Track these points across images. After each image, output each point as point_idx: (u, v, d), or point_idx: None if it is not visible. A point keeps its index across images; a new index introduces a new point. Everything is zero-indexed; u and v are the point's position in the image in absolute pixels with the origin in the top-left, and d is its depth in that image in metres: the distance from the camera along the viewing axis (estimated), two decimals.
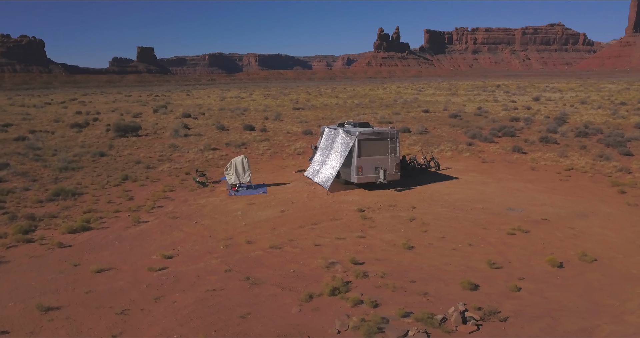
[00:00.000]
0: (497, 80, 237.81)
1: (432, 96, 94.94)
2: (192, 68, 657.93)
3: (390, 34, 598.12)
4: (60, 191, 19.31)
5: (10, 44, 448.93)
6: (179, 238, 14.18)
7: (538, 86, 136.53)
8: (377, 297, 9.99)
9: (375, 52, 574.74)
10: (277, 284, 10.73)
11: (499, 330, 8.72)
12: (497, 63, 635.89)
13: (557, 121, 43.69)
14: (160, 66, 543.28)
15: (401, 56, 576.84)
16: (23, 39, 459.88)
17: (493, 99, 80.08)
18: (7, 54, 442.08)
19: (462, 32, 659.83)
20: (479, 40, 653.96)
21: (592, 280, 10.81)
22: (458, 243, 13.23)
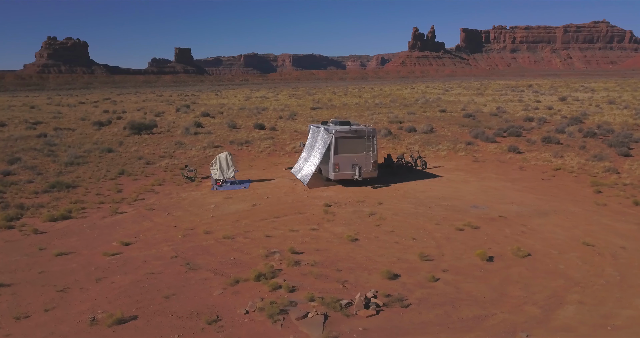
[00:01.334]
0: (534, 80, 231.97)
1: (457, 96, 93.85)
2: (228, 68, 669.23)
3: (425, 33, 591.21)
4: (56, 184, 20.75)
5: (56, 46, 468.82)
6: (145, 227, 15.17)
7: (573, 86, 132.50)
8: (297, 283, 10.63)
9: (409, 51, 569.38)
10: (212, 270, 11.51)
11: (397, 315, 9.21)
12: (536, 62, 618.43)
13: (572, 121, 42.79)
14: (196, 67, 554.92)
15: (436, 56, 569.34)
16: (68, 41, 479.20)
17: (518, 99, 78.56)
18: (53, 55, 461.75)
19: (500, 31, 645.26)
20: (518, 38, 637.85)
21: (513, 273, 11.10)
22: (402, 237, 13.67)
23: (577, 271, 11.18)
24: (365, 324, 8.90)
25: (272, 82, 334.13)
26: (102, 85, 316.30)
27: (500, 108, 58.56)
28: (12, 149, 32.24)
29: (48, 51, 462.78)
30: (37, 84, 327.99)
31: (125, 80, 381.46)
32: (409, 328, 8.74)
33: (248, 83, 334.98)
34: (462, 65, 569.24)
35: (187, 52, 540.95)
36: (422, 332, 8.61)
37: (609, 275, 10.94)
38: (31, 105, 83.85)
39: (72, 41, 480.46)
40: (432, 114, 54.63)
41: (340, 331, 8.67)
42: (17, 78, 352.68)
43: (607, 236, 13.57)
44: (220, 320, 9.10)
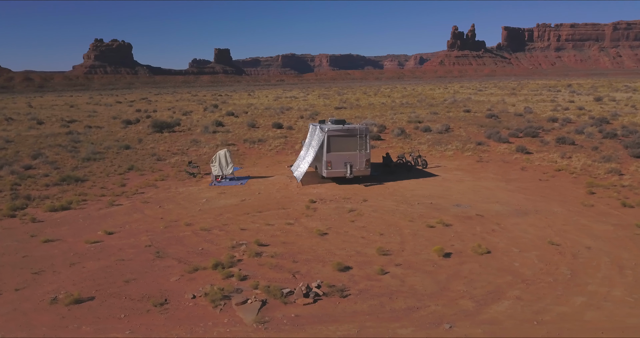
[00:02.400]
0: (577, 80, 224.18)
1: (488, 96, 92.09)
2: (266, 69, 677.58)
3: (465, 32, 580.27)
4: (66, 177, 22.10)
5: (102, 48, 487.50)
6: (134, 219, 16.08)
7: (616, 85, 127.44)
8: (251, 273, 11.17)
9: (448, 51, 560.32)
10: (178, 258, 12.21)
11: (332, 304, 9.60)
12: (583, 61, 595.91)
13: (597, 122, 41.53)
14: (235, 67, 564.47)
15: (476, 55, 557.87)
16: (114, 43, 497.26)
17: (551, 99, 76.43)
18: (100, 57, 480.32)
19: (544, 29, 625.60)
20: (563, 36, 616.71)
21: (464, 269, 11.26)
22: (371, 233, 13.99)
23: (529, 269, 11.23)
24: (299, 311, 9.34)
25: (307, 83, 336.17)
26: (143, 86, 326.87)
27: (528, 108, 57.27)
28: (40, 145, 34.26)
29: (95, 53, 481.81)
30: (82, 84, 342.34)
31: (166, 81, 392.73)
32: (338, 317, 9.13)
33: (283, 83, 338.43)
34: (503, 64, 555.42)
35: (226, 53, 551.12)
36: (350, 320, 8.98)
37: (560, 273, 10.95)
38: (71, 105, 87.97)
39: (117, 43, 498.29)
40: (455, 114, 54.03)
41: (273, 316, 9.15)
42: (65, 79, 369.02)
43: (577, 236, 13.45)
44: (167, 304, 9.75)
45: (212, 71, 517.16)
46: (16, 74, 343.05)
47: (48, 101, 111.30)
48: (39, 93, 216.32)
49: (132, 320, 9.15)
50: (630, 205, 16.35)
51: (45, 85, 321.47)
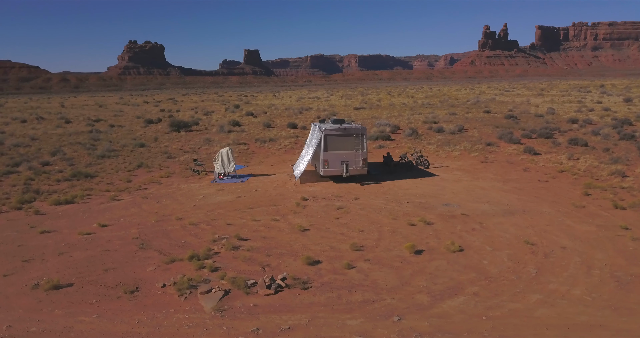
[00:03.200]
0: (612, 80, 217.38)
1: (515, 96, 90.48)
2: (295, 70, 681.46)
3: (497, 32, 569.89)
4: (77, 173, 23.14)
5: (136, 49, 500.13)
6: (130, 213, 16.81)
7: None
8: (224, 265, 11.65)
9: (479, 51, 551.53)
10: (160, 250, 12.79)
11: (292, 295, 9.97)
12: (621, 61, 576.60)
13: (618, 123, 40.51)
14: (264, 68, 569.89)
15: (508, 55, 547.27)
16: (147, 45, 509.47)
17: (578, 100, 74.59)
18: (134, 58, 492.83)
19: (580, 28, 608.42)
20: (601, 35, 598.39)
21: (431, 266, 11.44)
22: (351, 229, 14.28)
23: (496, 267, 11.32)
24: (259, 301, 9.74)
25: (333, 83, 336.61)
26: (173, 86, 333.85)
27: (551, 109, 56.16)
28: (61, 143, 35.75)
29: (129, 54, 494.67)
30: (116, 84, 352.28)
31: (195, 81, 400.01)
32: (294, 307, 9.49)
33: (310, 84, 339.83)
34: (536, 64, 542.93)
35: (255, 54, 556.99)
36: (304, 311, 9.32)
37: (526, 272, 11.01)
38: (100, 105, 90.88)
39: (150, 44, 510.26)
40: (474, 115, 53.45)
41: (232, 305, 9.58)
42: (99, 79, 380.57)
43: (557, 236, 13.41)
44: (137, 291, 10.31)
45: (241, 72, 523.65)
46: (54, 75, 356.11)
47: (80, 101, 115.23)
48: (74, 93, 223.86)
49: (102, 305, 9.73)
50: (622, 207, 16.10)
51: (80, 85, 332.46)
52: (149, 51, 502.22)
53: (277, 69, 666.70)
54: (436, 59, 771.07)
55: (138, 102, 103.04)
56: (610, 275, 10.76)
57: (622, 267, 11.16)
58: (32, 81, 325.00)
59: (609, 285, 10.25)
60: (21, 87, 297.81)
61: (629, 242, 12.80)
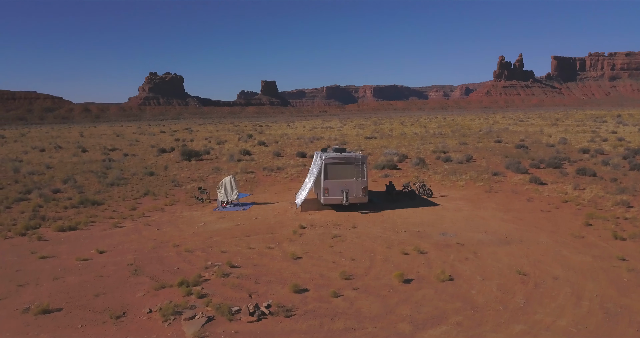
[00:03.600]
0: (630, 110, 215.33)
1: (528, 126, 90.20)
2: (311, 100, 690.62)
3: (513, 62, 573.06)
4: (84, 200, 23.66)
5: (156, 80, 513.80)
6: (130, 239, 17.09)
7: None
8: (212, 291, 11.75)
9: (495, 81, 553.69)
10: (152, 276, 12.97)
11: (275, 323, 10.00)
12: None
13: (631, 153, 40.11)
14: (281, 98, 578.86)
15: (524, 85, 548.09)
16: (167, 76, 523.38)
17: (592, 130, 74.07)
18: (154, 89, 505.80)
19: (597, 58, 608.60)
20: (618, 65, 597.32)
21: (418, 295, 11.38)
22: (344, 258, 14.30)
23: (484, 296, 11.21)
24: (240, 328, 9.79)
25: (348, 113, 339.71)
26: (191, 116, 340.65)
27: (563, 139, 55.87)
28: (74, 171, 36.63)
29: (149, 85, 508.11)
30: (135, 114, 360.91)
31: (213, 112, 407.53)
32: (274, 334, 9.51)
33: (325, 114, 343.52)
34: (553, 94, 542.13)
35: (272, 85, 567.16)
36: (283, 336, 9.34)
37: (514, 302, 10.87)
38: (117, 134, 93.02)
39: (170, 76, 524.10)
40: (484, 145, 53.41)
41: (213, 332, 9.65)
42: (119, 109, 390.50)
43: (550, 266, 13.24)
44: (123, 317, 10.45)
45: (258, 102, 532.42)
46: (76, 105, 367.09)
47: (99, 131, 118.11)
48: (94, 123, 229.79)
49: (87, 330, 9.88)
50: (622, 238, 15.86)
51: (101, 115, 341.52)
52: (169, 82, 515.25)
53: (293, 99, 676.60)
54: (451, 89, 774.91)
55: (155, 131, 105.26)
56: (600, 306, 10.57)
57: (612, 298, 10.96)
58: (55, 111, 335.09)
59: (596, 316, 10.07)
60: (45, 117, 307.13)
61: (623, 273, 12.58)
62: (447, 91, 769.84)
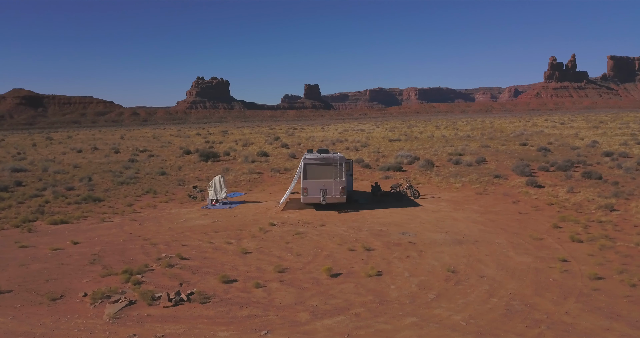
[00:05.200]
0: None
1: (567, 129, 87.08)
2: (354, 103, 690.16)
3: (565, 63, 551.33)
4: (87, 197, 25.37)
5: (203, 85, 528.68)
6: (109, 233, 18.36)
7: None
8: (149, 280, 12.68)
9: (545, 82, 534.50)
10: (106, 266, 14.05)
11: (188, 308, 10.77)
12: None
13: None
14: (324, 102, 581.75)
15: (577, 86, 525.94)
16: (213, 80, 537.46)
17: (632, 133, 70.77)
18: (201, 93, 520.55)
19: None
20: None
21: (337, 288, 11.85)
22: (291, 253, 14.92)
23: (399, 292, 11.54)
24: (154, 312, 10.63)
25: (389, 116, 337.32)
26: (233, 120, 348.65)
27: (593, 142, 53.94)
28: (96, 170, 38.92)
29: (197, 89, 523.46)
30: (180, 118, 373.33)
31: (255, 115, 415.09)
32: (181, 318, 10.28)
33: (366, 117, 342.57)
34: (609, 96, 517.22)
35: (315, 89, 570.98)
36: (187, 322, 10.08)
37: (424, 297, 11.16)
38: (155, 136, 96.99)
39: (216, 80, 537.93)
40: (507, 147, 52.33)
41: (128, 314, 10.53)
42: (166, 113, 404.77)
43: (486, 266, 13.34)
44: (60, 299, 11.53)
45: (301, 106, 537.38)
46: (126, 109, 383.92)
47: (141, 133, 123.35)
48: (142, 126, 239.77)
49: (23, 309, 11.00)
50: (579, 240, 15.62)
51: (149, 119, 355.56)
52: (215, 86, 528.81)
53: (336, 102, 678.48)
54: (499, 91, 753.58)
55: (191, 134, 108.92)
56: (506, 304, 10.69)
57: (524, 297, 11.04)
58: (106, 115, 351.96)
59: (495, 313, 10.23)
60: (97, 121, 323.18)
61: (555, 274, 12.54)
62: (495, 93, 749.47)
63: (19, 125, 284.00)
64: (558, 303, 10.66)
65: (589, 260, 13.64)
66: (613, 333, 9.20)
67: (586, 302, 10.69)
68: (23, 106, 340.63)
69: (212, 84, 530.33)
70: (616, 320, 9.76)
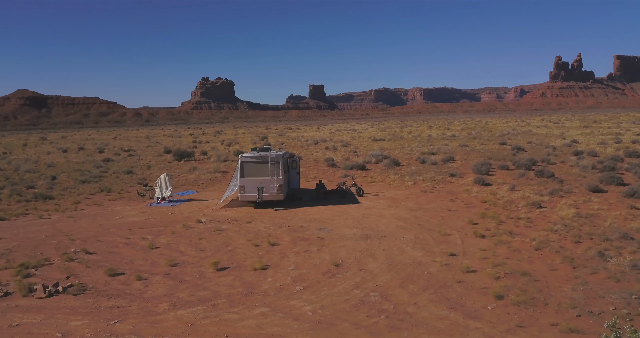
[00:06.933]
0: None
1: (556, 128, 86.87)
2: (359, 103, 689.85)
3: (571, 62, 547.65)
4: (37, 195, 25.90)
5: (208, 85, 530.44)
6: (39, 229, 18.78)
7: None
8: (41, 273, 13.12)
9: (551, 82, 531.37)
10: (11, 259, 14.45)
11: (59, 300, 11.17)
12: None
13: (625, 155, 38.55)
14: (329, 102, 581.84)
15: (583, 86, 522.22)
16: (218, 81, 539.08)
17: (617, 133, 70.56)
18: (205, 93, 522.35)
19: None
20: None
21: (215, 281, 12.21)
22: (195, 249, 15.32)
23: (272, 284, 11.89)
24: (25, 303, 11.03)
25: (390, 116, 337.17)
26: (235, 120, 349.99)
27: (572, 141, 54.01)
28: (66, 169, 39.49)
29: (201, 90, 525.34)
30: (183, 118, 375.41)
31: (257, 115, 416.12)
32: (44, 308, 10.67)
33: (368, 117, 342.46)
34: (615, 96, 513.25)
35: (320, 89, 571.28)
36: (49, 312, 10.47)
37: (291, 288, 11.50)
38: (147, 136, 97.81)
39: (221, 81, 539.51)
40: (485, 147, 52.48)
41: None
42: (168, 114, 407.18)
43: (374, 260, 13.64)
44: None
45: (306, 106, 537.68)
46: (128, 110, 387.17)
47: (135, 134, 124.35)
48: (143, 127, 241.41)
49: None
50: (482, 236, 15.89)
51: (151, 119, 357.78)
52: (220, 87, 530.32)
53: (341, 103, 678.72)
54: (505, 91, 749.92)
55: (184, 134, 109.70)
56: (365, 295, 10.99)
57: (387, 289, 11.33)
58: (109, 116, 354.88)
59: (348, 303, 10.53)
60: (99, 121, 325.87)
61: (433, 268, 12.82)
62: (501, 93, 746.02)
63: (23, 125, 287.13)
64: (414, 294, 10.95)
65: (477, 254, 13.90)
66: (443, 323, 9.48)
67: (441, 293, 10.96)
68: (27, 107, 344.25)
69: (217, 84, 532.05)
70: (456, 310, 10.03)
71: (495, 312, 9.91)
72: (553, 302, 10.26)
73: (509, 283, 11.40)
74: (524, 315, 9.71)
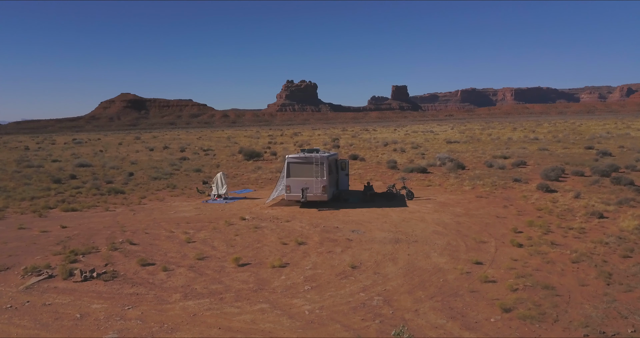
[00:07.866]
0: None
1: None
2: (444, 104, 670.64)
3: None
4: (111, 190, 28.32)
5: (292, 88, 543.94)
6: (102, 220, 20.62)
7: None
8: (87, 260, 14.41)
9: None
10: (66, 246, 16.04)
11: (91, 284, 12.24)
12: None
13: None
14: (412, 103, 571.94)
15: None
16: (302, 84, 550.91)
17: None
18: (290, 96, 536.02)
19: None
20: None
21: (231, 276, 12.71)
22: (225, 244, 16.00)
23: (285, 282, 12.15)
24: (63, 285, 12.23)
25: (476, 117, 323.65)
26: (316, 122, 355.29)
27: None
28: (145, 167, 42.68)
29: (286, 92, 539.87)
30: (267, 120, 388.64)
31: (337, 117, 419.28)
32: (77, 291, 11.76)
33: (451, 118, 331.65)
34: None
35: (403, 90, 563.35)
36: (79, 294, 11.54)
37: (300, 287, 11.67)
38: (228, 137, 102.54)
39: (305, 83, 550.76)
40: (568, 151, 49.13)
41: (40, 286, 12.23)
42: (253, 115, 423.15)
43: (395, 265, 13.41)
44: (5, 270, 13.58)
45: (388, 107, 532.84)
46: (217, 111, 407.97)
47: (219, 134, 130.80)
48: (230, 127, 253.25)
49: None
50: (520, 245, 14.98)
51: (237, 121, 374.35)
52: (304, 89, 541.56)
53: (425, 103, 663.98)
54: (609, 90, 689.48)
55: (264, 135, 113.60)
56: (369, 298, 10.89)
57: (394, 294, 11.13)
58: (199, 117, 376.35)
59: (348, 306, 10.50)
60: (190, 122, 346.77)
61: (451, 275, 12.36)
62: (604, 93, 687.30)
63: (124, 126, 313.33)
64: (419, 301, 10.66)
65: (505, 264, 13.16)
66: (436, 332, 9.15)
67: (447, 302, 10.56)
68: (129, 109, 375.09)
69: (301, 87, 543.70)
70: (455, 320, 9.63)
71: (497, 324, 9.39)
72: (565, 319, 9.51)
73: (524, 296, 10.71)
74: (526, 331, 9.11)
